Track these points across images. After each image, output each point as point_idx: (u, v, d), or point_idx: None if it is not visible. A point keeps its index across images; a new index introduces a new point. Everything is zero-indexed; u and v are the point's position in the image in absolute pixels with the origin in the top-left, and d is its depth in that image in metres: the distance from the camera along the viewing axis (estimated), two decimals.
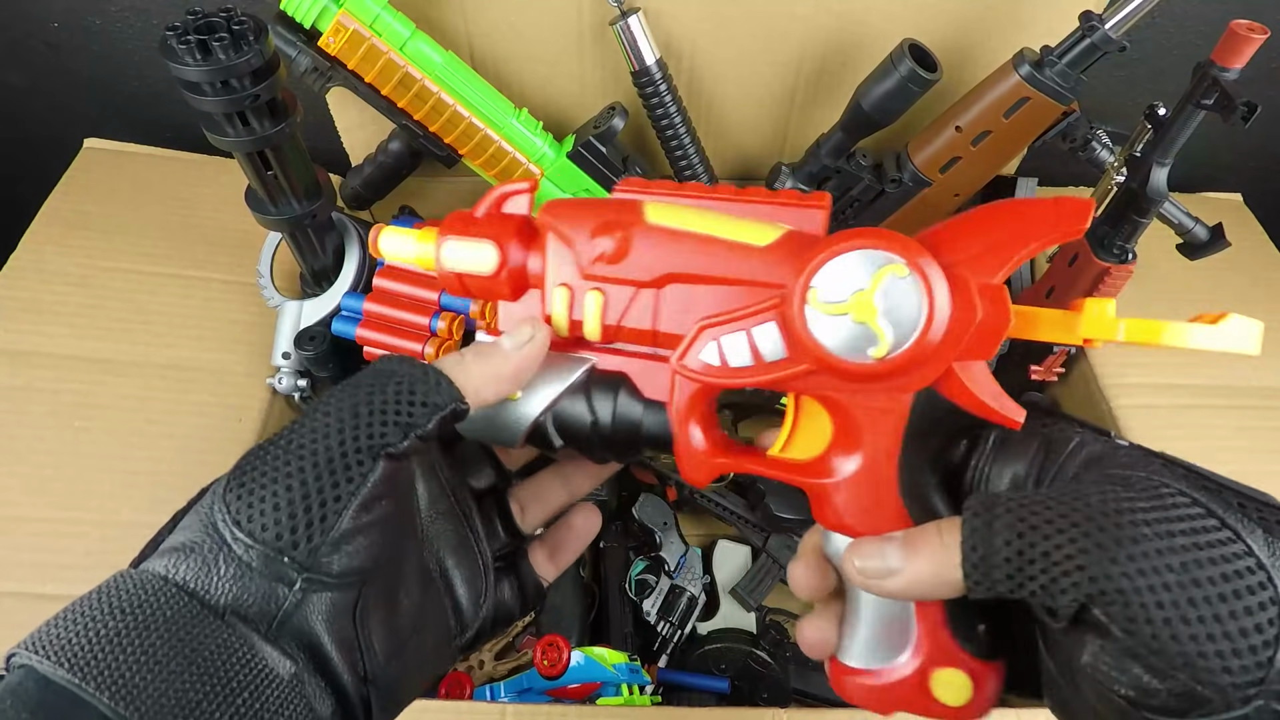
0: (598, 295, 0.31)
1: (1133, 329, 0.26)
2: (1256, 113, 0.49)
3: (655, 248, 0.30)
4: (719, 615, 0.84)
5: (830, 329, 0.27)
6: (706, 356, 0.30)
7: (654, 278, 0.30)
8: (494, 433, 0.34)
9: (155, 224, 0.70)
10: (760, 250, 0.29)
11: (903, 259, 0.27)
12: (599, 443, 0.33)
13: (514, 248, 0.31)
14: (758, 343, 0.29)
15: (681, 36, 0.65)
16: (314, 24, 0.56)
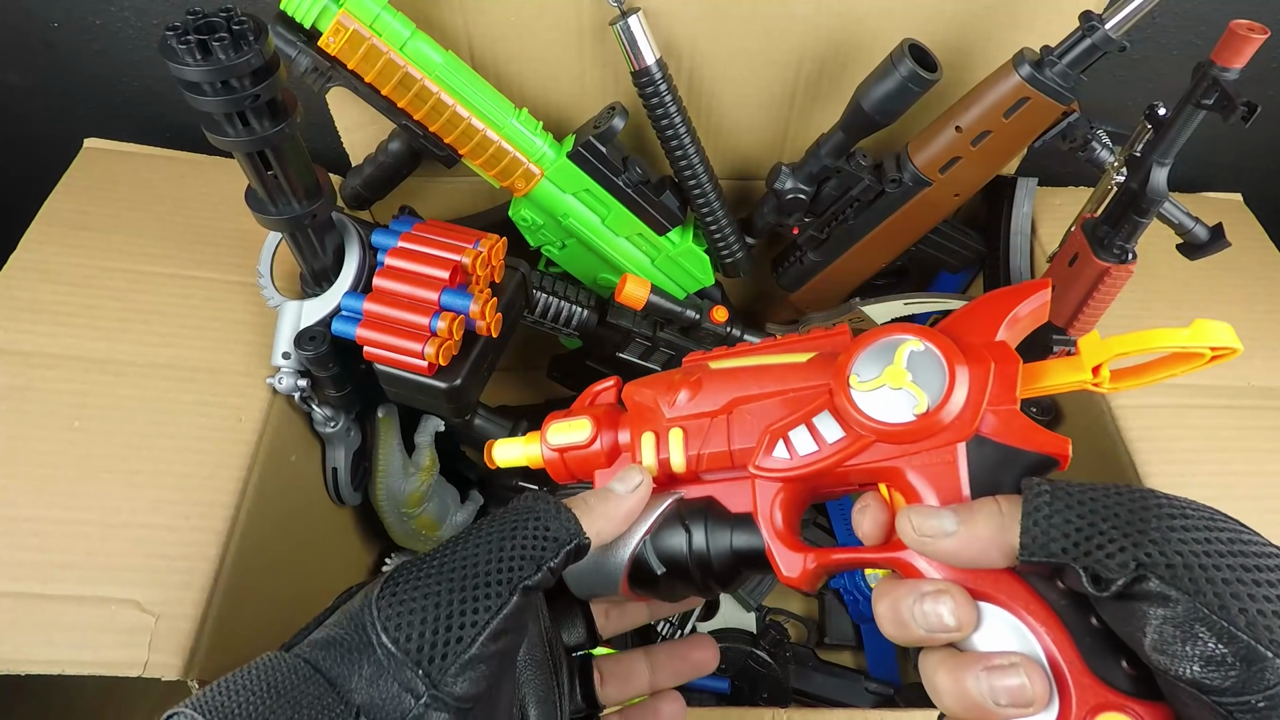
0: (679, 431, 0.37)
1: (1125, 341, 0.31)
2: (1256, 113, 0.49)
3: (721, 384, 0.37)
4: (719, 615, 0.84)
5: (875, 401, 0.32)
6: (779, 454, 0.34)
7: (722, 405, 0.36)
8: (599, 577, 0.36)
9: (155, 224, 0.70)
10: (802, 365, 0.36)
11: (914, 335, 0.32)
12: (696, 564, 0.35)
13: (605, 421, 0.39)
14: (820, 429, 0.33)
15: (681, 36, 0.65)
16: (314, 24, 0.56)
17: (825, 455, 0.33)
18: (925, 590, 0.29)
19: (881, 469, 0.32)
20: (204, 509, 0.55)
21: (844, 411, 0.33)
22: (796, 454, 0.34)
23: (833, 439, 0.33)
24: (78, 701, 0.83)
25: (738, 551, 0.35)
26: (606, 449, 0.38)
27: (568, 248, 0.72)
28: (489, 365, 0.64)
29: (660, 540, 0.36)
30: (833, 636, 0.85)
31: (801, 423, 0.34)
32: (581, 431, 0.38)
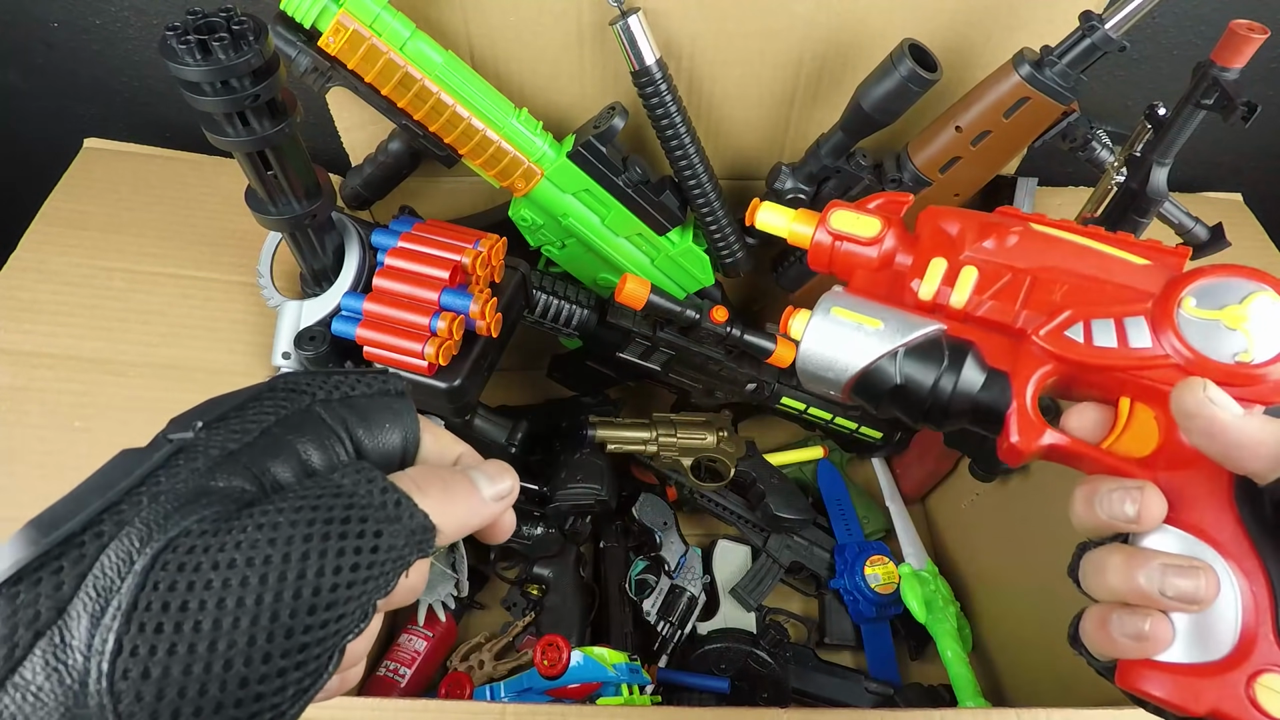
0: (973, 270, 0.35)
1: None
2: (1256, 113, 0.49)
3: (1039, 247, 0.35)
4: (719, 615, 0.84)
5: (1200, 331, 0.31)
6: (1072, 334, 0.33)
7: (1031, 266, 0.35)
8: (826, 366, 0.35)
9: (155, 224, 0.70)
10: (1136, 266, 0.34)
11: (1272, 288, 0.31)
12: (933, 395, 0.34)
13: (893, 225, 0.37)
14: (1127, 330, 0.32)
15: (681, 36, 0.65)
16: (314, 24, 0.56)
17: (1121, 357, 0.32)
18: (1124, 484, 0.30)
19: (1162, 392, 0.31)
20: None
21: (1161, 325, 0.32)
22: (1092, 342, 0.33)
23: (1137, 344, 0.32)
24: None
25: (978, 402, 0.34)
26: (882, 255, 0.37)
27: (568, 248, 0.72)
28: (489, 365, 0.64)
29: (914, 358, 0.35)
30: (833, 636, 0.85)
31: (1110, 316, 0.33)
32: (869, 228, 0.37)
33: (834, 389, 0.36)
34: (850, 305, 0.36)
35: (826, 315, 0.36)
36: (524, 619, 0.83)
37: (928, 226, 0.37)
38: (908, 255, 0.37)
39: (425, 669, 0.79)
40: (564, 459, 0.83)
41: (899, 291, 0.37)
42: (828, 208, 0.38)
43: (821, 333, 0.36)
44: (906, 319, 0.35)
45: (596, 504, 0.82)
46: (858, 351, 0.35)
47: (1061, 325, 0.33)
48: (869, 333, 0.35)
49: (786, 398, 0.85)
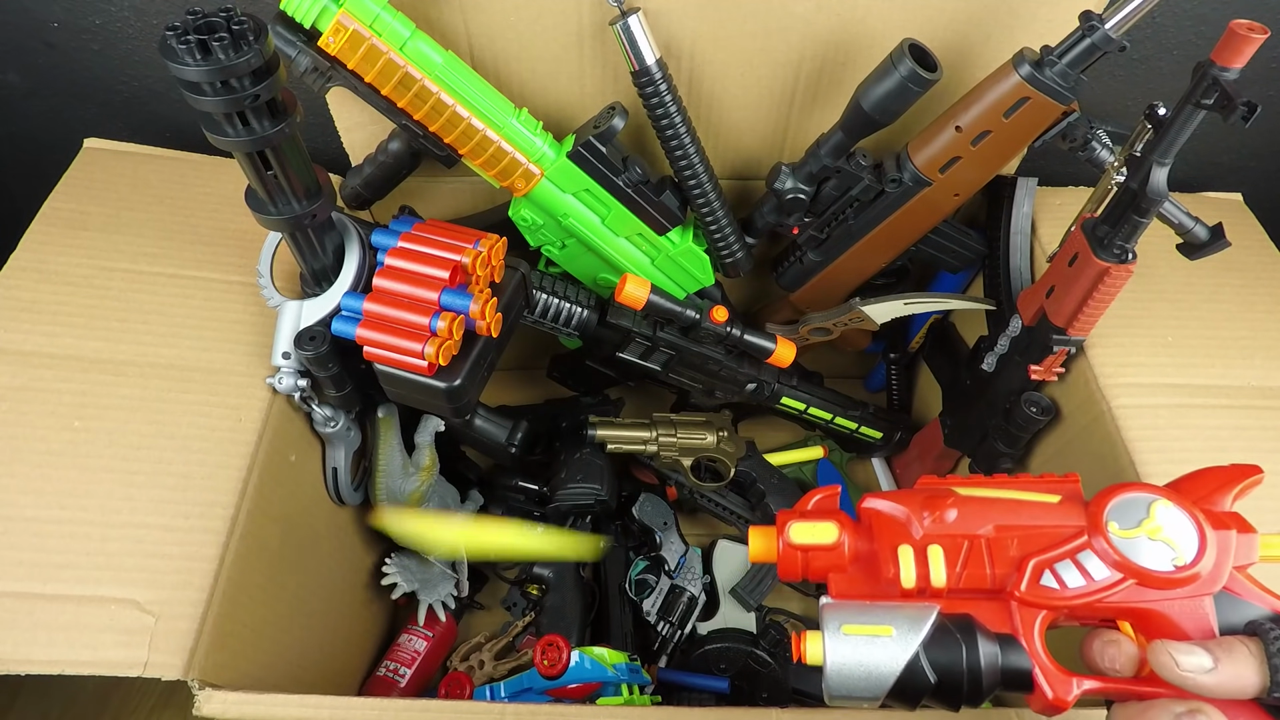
0: (938, 548, 0.38)
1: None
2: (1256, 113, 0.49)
3: (977, 511, 0.39)
4: (719, 615, 0.84)
5: (1136, 548, 0.36)
6: (1046, 583, 0.37)
7: (983, 531, 0.39)
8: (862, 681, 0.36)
9: (155, 224, 0.70)
10: (1054, 505, 0.39)
11: (1162, 496, 0.37)
12: (969, 679, 0.36)
13: (846, 526, 0.40)
14: (1086, 566, 0.37)
15: (681, 36, 0.65)
16: (314, 24, 0.56)
17: (1093, 590, 0.36)
18: (1179, 711, 0.32)
19: (1138, 609, 0.36)
20: (204, 509, 0.55)
21: (1106, 553, 0.36)
22: (1066, 586, 0.36)
23: (1100, 576, 0.36)
24: (78, 701, 0.84)
25: (1005, 670, 0.36)
26: (850, 554, 0.40)
27: (568, 248, 0.72)
28: (489, 365, 0.64)
29: (936, 651, 0.36)
30: None
31: (1067, 558, 0.37)
32: (828, 534, 0.40)
33: (869, 703, 0.37)
34: (854, 617, 0.37)
35: (839, 635, 0.37)
36: (524, 619, 0.83)
37: (872, 516, 0.41)
38: (867, 543, 0.40)
39: (425, 669, 0.79)
40: (564, 459, 0.83)
41: (874, 580, 0.39)
42: (780, 524, 0.41)
43: (842, 655, 0.36)
44: (909, 614, 0.37)
45: (596, 504, 0.82)
46: (884, 663, 0.36)
47: (1034, 578, 0.37)
48: (886, 642, 0.36)
49: (786, 398, 0.85)
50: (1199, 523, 0.36)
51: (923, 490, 0.41)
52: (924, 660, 0.35)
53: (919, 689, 0.36)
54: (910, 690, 0.36)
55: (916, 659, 0.35)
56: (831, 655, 0.36)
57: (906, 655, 0.35)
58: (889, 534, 0.39)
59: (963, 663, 0.35)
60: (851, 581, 0.40)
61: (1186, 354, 0.68)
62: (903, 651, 0.36)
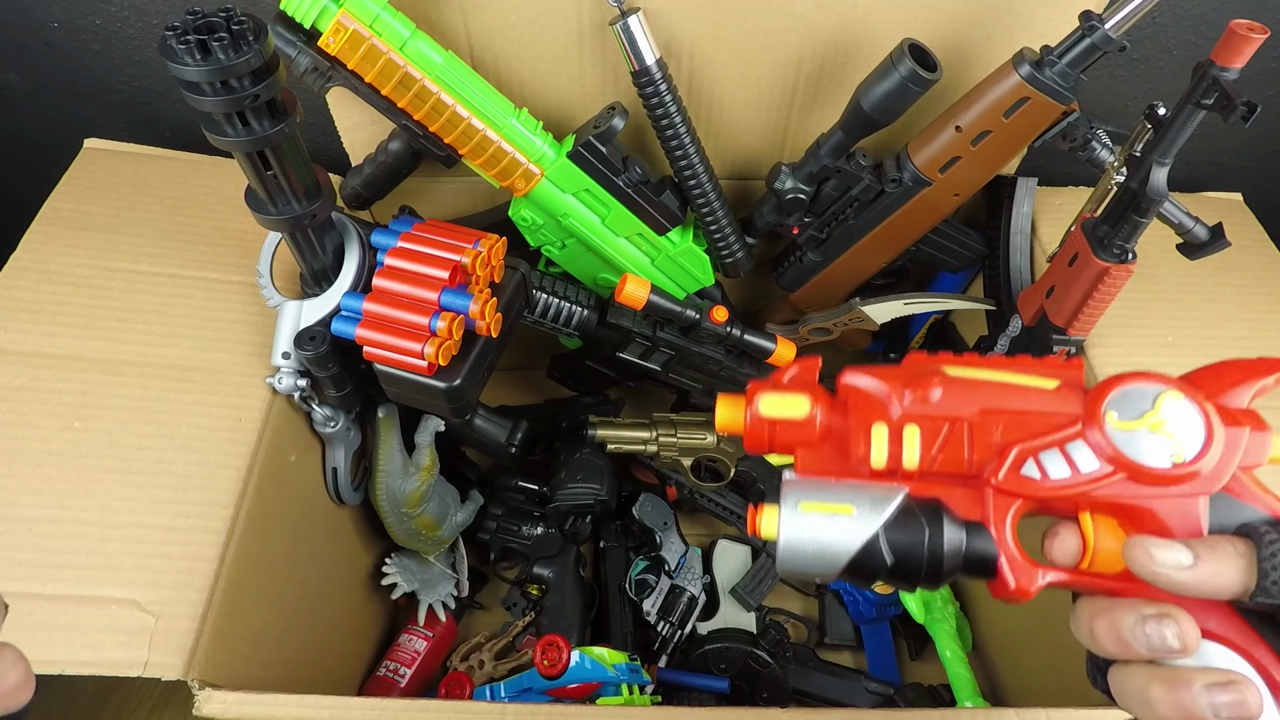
0: (915, 428, 0.36)
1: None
2: (1256, 113, 0.49)
3: (964, 392, 0.36)
4: (719, 615, 0.84)
5: (1132, 441, 0.34)
6: (1028, 472, 0.35)
7: (965, 413, 0.36)
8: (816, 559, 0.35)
9: (155, 224, 0.70)
10: (1050, 391, 0.36)
11: (1173, 386, 0.34)
12: (928, 562, 0.34)
13: (820, 399, 0.38)
14: (1074, 457, 0.34)
15: (681, 36, 0.65)
16: (314, 24, 0.56)
17: (1077, 482, 0.34)
18: (1148, 612, 0.31)
19: (1122, 504, 0.34)
20: (204, 509, 0.55)
21: (1099, 446, 0.34)
22: (1048, 476, 0.35)
23: (1087, 469, 0.34)
24: (78, 701, 0.84)
25: (969, 557, 0.34)
26: (820, 429, 0.38)
27: (568, 248, 0.72)
28: (489, 365, 0.64)
29: (897, 532, 0.35)
30: (833, 636, 0.85)
31: (1054, 447, 0.35)
32: (798, 408, 0.37)
33: (822, 578, 0.36)
34: (814, 494, 0.35)
35: (796, 511, 0.35)
36: (524, 619, 0.83)
37: (849, 391, 0.38)
38: (841, 420, 0.38)
39: (425, 669, 0.79)
40: (564, 459, 0.83)
41: (844, 458, 0.37)
42: (750, 392, 0.38)
43: (797, 530, 0.35)
44: (873, 494, 0.35)
45: (596, 504, 0.82)
46: (840, 542, 0.35)
47: (1015, 465, 0.35)
48: (845, 521, 0.35)
49: None
50: (1208, 418, 0.34)
51: (908, 367, 0.38)
52: (883, 541, 0.34)
53: (874, 569, 0.35)
54: (865, 570, 0.35)
55: (875, 540, 0.34)
56: (786, 531, 0.35)
57: (864, 536, 0.34)
58: (864, 411, 0.37)
59: (923, 547, 0.34)
60: (820, 459, 0.38)
61: (1186, 354, 0.68)
62: (861, 532, 0.34)
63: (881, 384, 0.37)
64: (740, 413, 0.38)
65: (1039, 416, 0.36)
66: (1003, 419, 0.36)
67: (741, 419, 0.38)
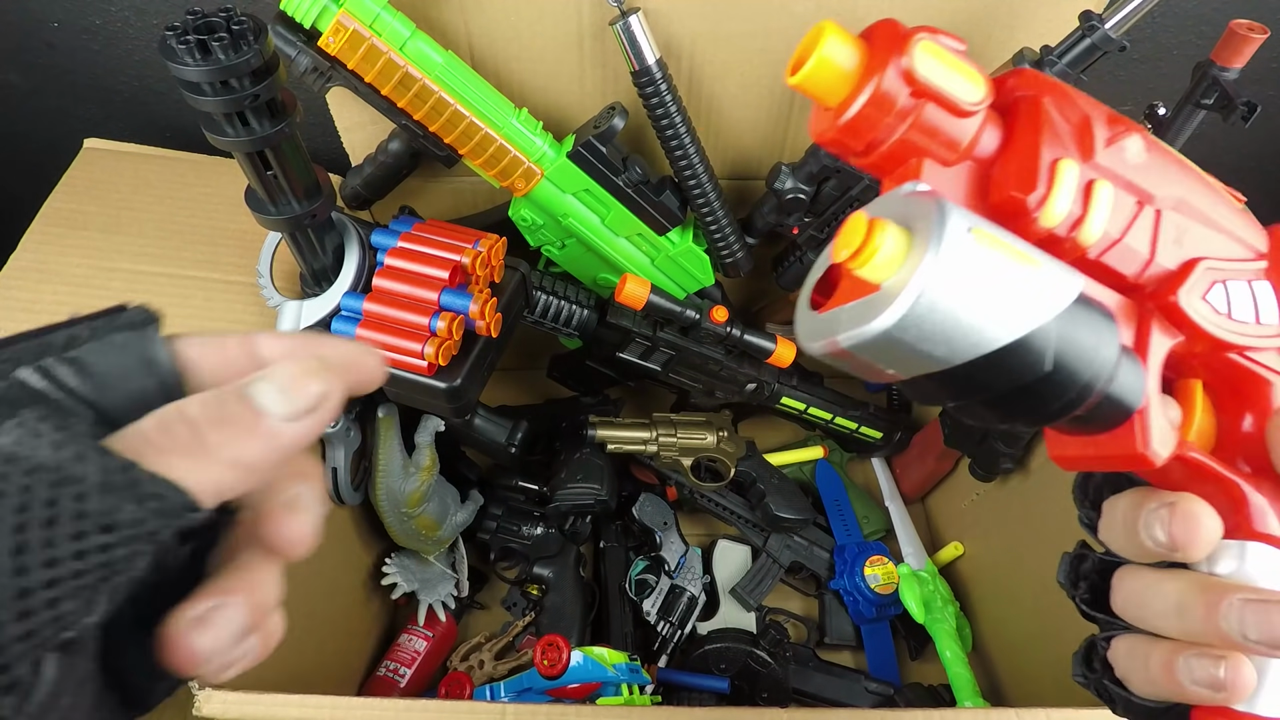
0: (1108, 187, 0.24)
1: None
2: (1256, 113, 0.49)
3: (1169, 166, 0.26)
4: (719, 615, 0.84)
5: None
6: (1215, 300, 0.26)
7: (1166, 196, 0.26)
8: (966, 323, 0.21)
9: (155, 224, 0.70)
10: (1238, 211, 0.28)
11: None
12: (1081, 388, 0.23)
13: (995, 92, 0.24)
14: (1260, 301, 0.26)
15: (681, 36, 0.65)
16: (314, 24, 0.56)
17: (1255, 334, 0.26)
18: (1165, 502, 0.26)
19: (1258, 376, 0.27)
20: None
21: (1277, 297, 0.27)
22: (1231, 315, 0.26)
23: (1268, 319, 0.26)
24: None
25: (1110, 397, 0.24)
26: (973, 140, 0.24)
27: (568, 248, 0.72)
28: (489, 365, 0.64)
29: (1077, 327, 0.23)
30: (833, 636, 0.85)
31: (1245, 279, 0.26)
32: (973, 87, 0.23)
33: (927, 368, 0.22)
34: (987, 224, 0.22)
35: (965, 237, 0.21)
36: (524, 619, 0.83)
37: (1023, 102, 0.25)
38: (992, 137, 0.25)
39: (425, 669, 0.79)
40: (564, 459, 0.83)
41: (974, 193, 0.25)
42: (897, 32, 0.24)
43: (959, 266, 0.21)
44: (1052, 263, 0.23)
45: (596, 504, 0.82)
46: (1014, 308, 0.21)
47: (1201, 286, 0.25)
48: (1031, 276, 0.22)
49: (786, 398, 0.85)
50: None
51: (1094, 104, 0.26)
52: (1051, 338, 0.22)
53: (1020, 370, 0.22)
54: (1004, 370, 0.22)
55: (1051, 326, 0.22)
56: (945, 261, 0.20)
57: (1051, 310, 0.22)
58: (1047, 135, 0.24)
59: (1095, 358, 0.23)
60: (952, 184, 0.24)
61: None
62: (1048, 302, 0.22)
63: (1076, 107, 0.25)
64: (866, 59, 0.23)
65: (1227, 236, 0.27)
66: (1194, 221, 0.26)
67: (867, 70, 0.23)
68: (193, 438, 0.20)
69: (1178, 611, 0.26)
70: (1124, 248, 0.25)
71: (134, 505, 0.18)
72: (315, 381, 0.22)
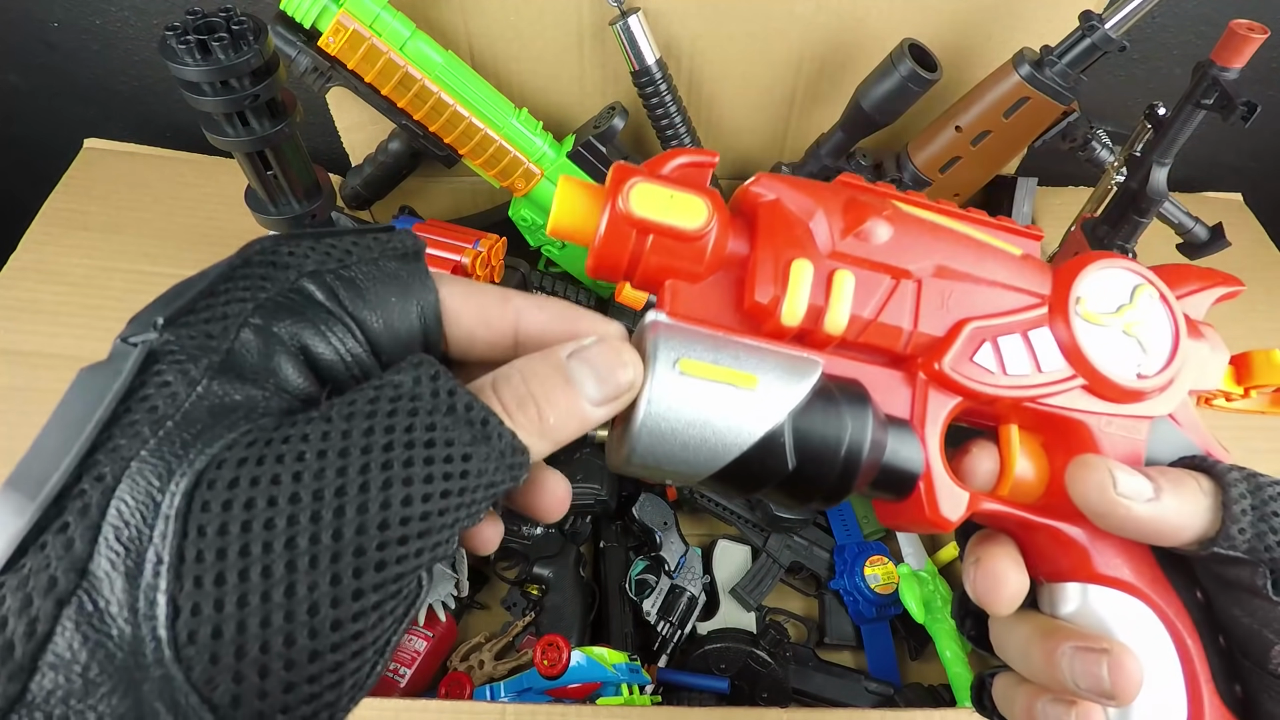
0: (850, 277, 0.25)
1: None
2: (1256, 113, 0.49)
3: (920, 237, 0.26)
4: (719, 615, 0.84)
5: (1098, 342, 0.26)
6: (983, 360, 0.26)
7: (924, 267, 0.26)
8: (690, 454, 0.23)
9: (155, 224, 0.70)
10: (1014, 258, 0.27)
11: (1148, 281, 0.27)
12: (842, 467, 0.24)
13: (719, 211, 0.25)
14: (1037, 350, 0.26)
15: (681, 36, 0.65)
16: (314, 24, 0.56)
17: (1036, 384, 0.26)
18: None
19: (1065, 418, 0.27)
20: None
21: (1064, 340, 0.26)
22: (1005, 370, 0.26)
23: (1050, 367, 0.26)
24: None
25: (888, 467, 0.25)
26: (713, 254, 0.25)
27: (568, 248, 0.72)
28: None
29: (811, 423, 0.23)
30: (833, 636, 0.85)
31: (1018, 332, 0.26)
32: (692, 214, 0.24)
33: (681, 481, 0.25)
34: (701, 350, 0.23)
35: (672, 372, 0.23)
36: (524, 619, 0.83)
37: (762, 207, 0.26)
38: (744, 247, 0.26)
39: (425, 669, 0.79)
40: (564, 459, 0.83)
41: (732, 305, 0.26)
42: (618, 178, 0.24)
43: (670, 402, 0.23)
44: (782, 362, 0.24)
45: (596, 504, 0.81)
46: (731, 429, 0.23)
47: (968, 349, 0.26)
48: (743, 397, 0.23)
49: None
50: (1176, 325, 0.27)
51: (847, 188, 0.27)
52: (788, 434, 0.23)
53: (765, 474, 0.24)
54: (751, 474, 0.23)
55: (779, 431, 0.23)
56: (654, 401, 0.23)
57: (768, 423, 0.23)
58: (781, 239, 0.25)
59: (841, 449, 0.24)
60: (700, 299, 0.25)
61: None
62: (764, 416, 0.23)
63: (811, 203, 0.26)
64: (595, 207, 0.25)
65: (999, 290, 0.27)
66: (958, 282, 0.26)
67: (594, 216, 0.25)
68: (537, 414, 0.21)
69: (1024, 656, 0.26)
70: (881, 326, 0.26)
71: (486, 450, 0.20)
72: (625, 371, 0.22)
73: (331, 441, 0.18)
